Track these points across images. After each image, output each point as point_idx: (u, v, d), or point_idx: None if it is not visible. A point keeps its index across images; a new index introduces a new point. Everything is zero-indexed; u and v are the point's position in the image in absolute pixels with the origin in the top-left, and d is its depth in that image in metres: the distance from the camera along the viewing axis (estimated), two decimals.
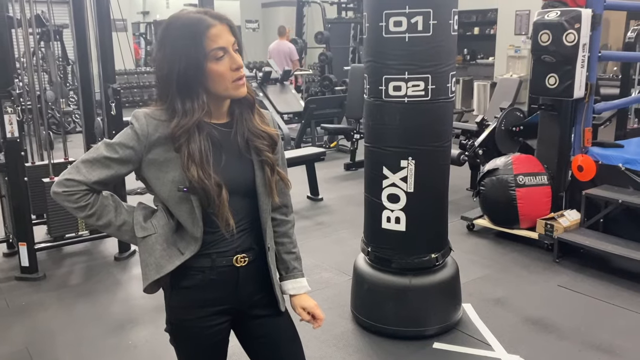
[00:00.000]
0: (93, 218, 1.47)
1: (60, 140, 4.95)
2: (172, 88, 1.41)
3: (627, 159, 4.09)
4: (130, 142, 1.43)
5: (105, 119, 4.15)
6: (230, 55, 1.41)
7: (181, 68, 1.38)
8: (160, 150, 1.43)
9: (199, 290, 1.52)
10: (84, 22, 4.34)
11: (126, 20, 4.79)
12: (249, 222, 1.55)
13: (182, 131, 1.40)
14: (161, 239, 1.49)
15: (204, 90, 1.42)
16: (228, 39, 1.42)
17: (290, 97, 8.32)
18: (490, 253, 4.29)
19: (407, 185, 2.91)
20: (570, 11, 3.92)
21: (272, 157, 1.52)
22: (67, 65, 9.73)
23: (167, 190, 1.45)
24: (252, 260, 1.56)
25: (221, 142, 1.47)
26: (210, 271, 1.51)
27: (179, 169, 1.42)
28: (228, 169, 1.47)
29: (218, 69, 1.40)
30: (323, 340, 3.05)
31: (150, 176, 1.46)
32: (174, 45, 1.40)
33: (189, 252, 1.48)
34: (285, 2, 14.46)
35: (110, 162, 1.44)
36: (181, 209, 1.46)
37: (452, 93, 2.90)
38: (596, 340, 3.03)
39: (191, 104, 1.41)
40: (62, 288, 3.78)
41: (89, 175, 1.43)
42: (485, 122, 5.56)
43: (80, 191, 1.44)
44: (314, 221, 5.11)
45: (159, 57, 1.44)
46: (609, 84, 7.81)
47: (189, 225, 1.47)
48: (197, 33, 1.38)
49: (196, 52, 1.37)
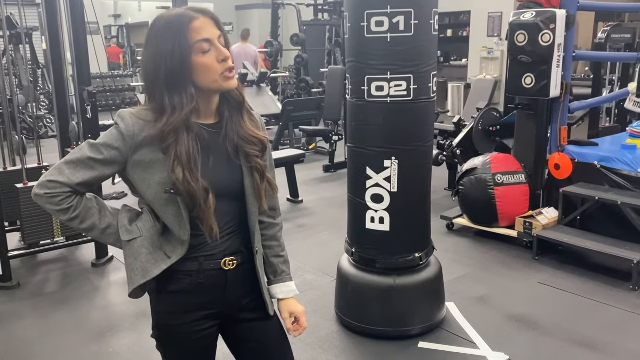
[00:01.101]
0: (76, 221, 1.43)
1: (33, 145, 4.83)
2: (160, 85, 1.38)
3: (602, 157, 4.17)
4: (116, 143, 1.39)
5: (81, 123, 4.06)
6: (217, 47, 1.39)
7: (167, 64, 1.36)
8: (146, 151, 1.40)
9: (186, 294, 1.49)
10: (57, 24, 4.25)
11: (98, 24, 4.69)
12: (236, 224, 1.52)
13: (172, 129, 1.37)
14: (147, 243, 1.45)
15: (192, 85, 1.39)
16: (213, 32, 1.40)
17: (267, 100, 8.29)
18: (471, 252, 4.32)
19: (391, 185, 2.91)
20: (545, 12, 3.98)
21: (261, 164, 1.50)
22: (37, 69, 9.53)
23: (153, 193, 1.42)
24: (240, 263, 1.53)
25: (210, 144, 1.44)
26: (198, 275, 1.48)
27: (165, 170, 1.38)
28: (216, 172, 1.44)
29: (205, 61, 1.38)
30: (308, 342, 3.03)
31: (136, 178, 1.43)
32: (159, 43, 1.38)
33: (175, 256, 1.44)
34: (259, 4, 14.43)
35: (94, 164, 1.40)
36: (168, 211, 1.43)
37: (433, 93, 2.92)
38: (578, 336, 3.07)
39: (180, 99, 1.38)
40: (37, 296, 3.68)
41: (72, 176, 1.39)
42: (463, 122, 5.62)
43: (62, 193, 1.39)
44: (295, 224, 5.08)
45: (145, 57, 1.42)
46: (581, 84, 7.97)
47: (175, 229, 1.44)
48: (180, 27, 1.36)
49: (180, 46, 1.36)
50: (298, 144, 8.13)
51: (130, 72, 12.82)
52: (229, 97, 1.48)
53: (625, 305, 3.40)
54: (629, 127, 4.61)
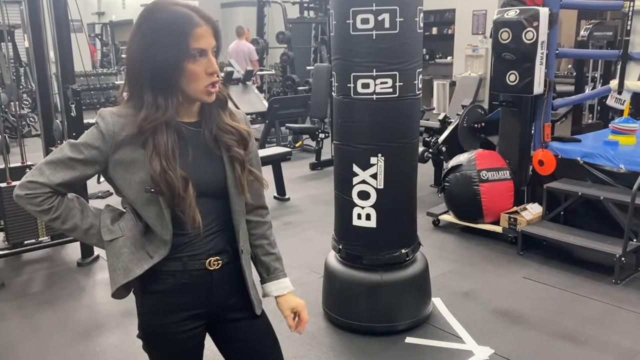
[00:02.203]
0: (58, 222, 1.42)
1: (16, 144, 4.78)
2: (145, 79, 1.36)
3: (585, 153, 4.22)
4: (96, 142, 1.38)
5: (65, 121, 4.02)
6: (209, 58, 1.38)
7: (160, 61, 1.34)
8: (127, 150, 1.39)
9: (170, 294, 1.48)
10: (39, 22, 4.19)
11: (82, 21, 4.64)
12: (221, 223, 1.51)
13: (150, 126, 1.36)
14: (129, 242, 1.44)
15: (178, 89, 1.38)
16: (210, 42, 1.38)
17: (253, 98, 8.27)
18: (456, 248, 4.36)
19: (377, 182, 2.92)
20: (528, 9, 4.02)
21: (241, 153, 1.48)
22: (20, 67, 9.41)
23: (134, 192, 1.41)
24: (226, 263, 1.52)
25: (189, 140, 1.43)
26: (182, 275, 1.47)
27: (146, 169, 1.37)
28: (196, 166, 1.43)
29: (195, 69, 1.36)
30: (295, 339, 3.04)
31: (117, 177, 1.42)
32: (157, 37, 1.34)
33: (158, 256, 1.44)
34: (244, 2, 14.35)
35: (74, 163, 1.39)
36: (149, 210, 1.42)
37: (419, 90, 2.94)
38: (562, 329, 3.11)
39: (164, 100, 1.36)
40: (22, 297, 3.65)
41: (53, 177, 1.38)
42: (448, 119, 5.66)
43: (43, 194, 1.38)
44: (282, 221, 5.09)
45: (134, 44, 1.37)
46: (563, 82, 8.05)
47: (157, 228, 1.43)
48: (184, 30, 1.34)
49: (179, 49, 1.33)
50: (284, 142, 8.13)
51: (115, 71, 12.72)
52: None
53: (608, 298, 3.46)
54: (611, 123, 4.67)
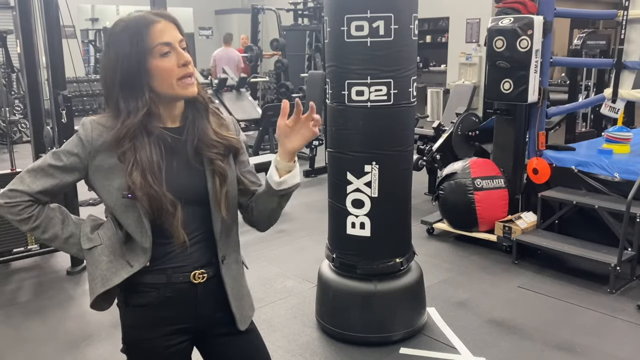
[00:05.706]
0: (38, 231, 1.40)
1: (6, 150, 4.72)
2: (116, 89, 1.35)
3: (579, 162, 4.21)
4: (75, 149, 1.38)
5: (56, 127, 3.98)
6: (177, 51, 1.36)
7: (123, 67, 1.33)
8: (104, 156, 1.37)
9: (154, 308, 1.44)
10: (31, 27, 4.16)
11: (74, 27, 4.61)
12: (203, 232, 1.46)
13: (126, 133, 1.33)
14: (107, 251, 1.42)
15: (148, 89, 1.36)
16: (174, 35, 1.37)
17: (247, 104, 8.24)
18: (451, 256, 4.33)
19: (372, 190, 2.89)
20: (522, 18, 4.02)
21: (223, 167, 1.43)
22: (11, 73, 9.35)
23: (113, 198, 1.39)
24: (212, 276, 1.48)
25: (173, 147, 1.40)
26: (166, 288, 1.43)
27: (124, 176, 1.35)
28: (179, 176, 1.40)
29: (164, 65, 1.35)
30: (288, 350, 2.99)
31: (97, 184, 1.40)
32: (116, 47, 1.35)
33: (138, 265, 1.40)
34: (239, 9, 14.38)
35: (54, 171, 1.38)
36: (128, 217, 1.39)
37: (413, 97, 2.92)
38: (557, 340, 3.08)
39: (135, 103, 1.35)
40: (10, 306, 3.59)
41: (32, 185, 1.37)
42: (442, 127, 5.65)
43: (23, 202, 1.37)
44: (275, 229, 5.02)
45: (102, 62, 1.41)
46: (557, 90, 8.08)
47: (137, 236, 1.40)
48: (138, 29, 1.34)
49: (137, 49, 1.33)
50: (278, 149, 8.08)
51: None
52: (195, 100, 1.44)
53: (603, 308, 3.43)
54: (605, 132, 4.67)
